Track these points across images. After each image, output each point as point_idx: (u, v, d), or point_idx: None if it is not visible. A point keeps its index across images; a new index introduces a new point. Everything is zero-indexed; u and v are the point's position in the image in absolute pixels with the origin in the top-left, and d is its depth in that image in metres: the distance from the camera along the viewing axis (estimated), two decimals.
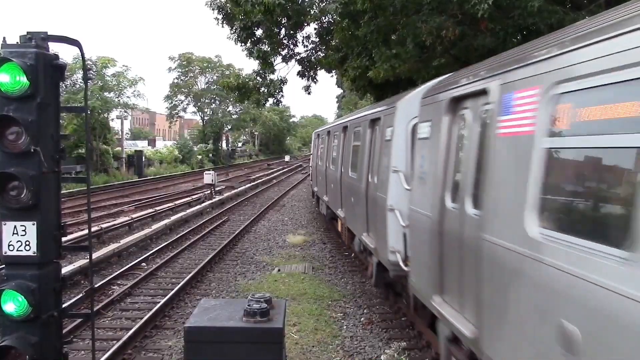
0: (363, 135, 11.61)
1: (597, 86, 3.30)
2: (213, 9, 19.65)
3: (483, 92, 5.06)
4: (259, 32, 19.40)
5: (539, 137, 3.86)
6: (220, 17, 19.68)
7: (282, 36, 19.91)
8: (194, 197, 29.17)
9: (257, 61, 20.19)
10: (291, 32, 19.87)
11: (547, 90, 3.80)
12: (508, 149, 4.42)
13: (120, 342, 8.55)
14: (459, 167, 5.76)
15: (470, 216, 5.17)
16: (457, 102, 5.94)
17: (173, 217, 21.68)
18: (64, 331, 7.32)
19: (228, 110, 76.83)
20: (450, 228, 5.74)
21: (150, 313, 10.01)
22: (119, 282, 12.83)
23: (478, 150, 5.20)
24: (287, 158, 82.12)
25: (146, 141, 74.30)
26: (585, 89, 3.41)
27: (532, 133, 3.94)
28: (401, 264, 8.07)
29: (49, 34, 3.68)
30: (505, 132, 4.45)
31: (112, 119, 49.87)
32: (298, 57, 21.20)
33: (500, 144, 4.55)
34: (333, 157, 16.72)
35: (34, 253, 3.57)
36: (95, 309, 9.95)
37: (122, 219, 20.48)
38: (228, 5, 18.87)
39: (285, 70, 25.49)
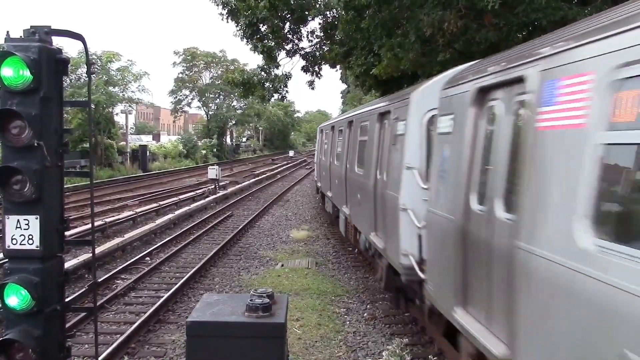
0: (371, 129, 11.09)
1: None
2: (218, 5, 19.65)
3: (518, 81, 4.53)
4: (264, 28, 19.39)
5: (593, 131, 3.32)
6: (225, 12, 19.68)
7: (286, 31, 19.91)
8: (198, 191, 29.20)
9: (262, 56, 20.19)
10: (295, 26, 19.86)
11: (605, 75, 3.27)
12: (551, 145, 3.84)
13: (124, 336, 8.58)
14: (488, 165, 5.17)
15: (501, 221, 4.64)
16: (484, 93, 5.35)
17: (177, 212, 21.73)
18: (67, 325, 7.36)
19: (232, 105, 76.89)
20: (476, 233, 5.17)
21: (154, 307, 10.04)
22: (122, 276, 12.86)
23: (511, 147, 4.66)
24: (291, 153, 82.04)
25: (150, 136, 74.38)
26: None
27: (584, 126, 3.42)
28: (416, 268, 7.41)
29: (52, 28, 3.67)
30: (547, 125, 3.88)
31: (117, 114, 49.99)
32: (302, 52, 21.19)
33: (540, 139, 3.97)
34: (338, 152, 16.41)
35: (37, 247, 3.58)
36: (98, 303, 10.00)
37: (126, 214, 20.52)
38: (232, 0, 18.86)
39: (290, 65, 25.46)
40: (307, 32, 20.75)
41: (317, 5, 18.52)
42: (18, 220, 3.56)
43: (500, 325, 4.53)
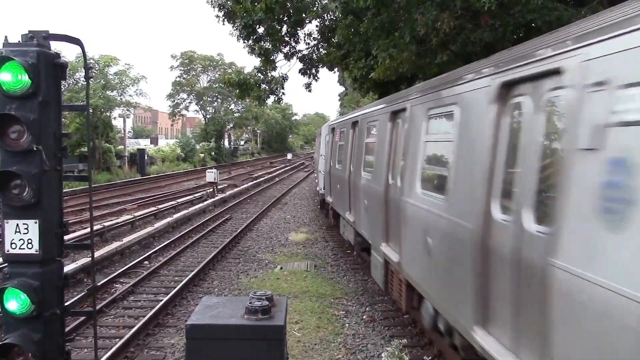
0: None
1: None
2: (214, 7, 19.64)
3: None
4: (260, 30, 19.39)
5: None
6: (221, 14, 19.67)
7: (283, 33, 19.90)
8: (196, 195, 29.18)
9: (259, 58, 20.19)
10: (292, 29, 19.86)
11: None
12: None
13: (123, 340, 8.57)
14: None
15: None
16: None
17: (175, 215, 21.70)
18: (67, 329, 7.36)
19: (230, 108, 76.87)
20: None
21: (153, 311, 10.03)
22: (121, 280, 12.85)
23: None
24: (289, 156, 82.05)
25: (149, 139, 74.30)
26: None
27: None
28: None
29: (50, 32, 3.68)
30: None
31: (115, 118, 49.90)
32: (300, 55, 21.20)
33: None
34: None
35: (36, 251, 3.59)
36: (97, 307, 9.99)
37: (124, 217, 20.50)
38: (229, 3, 18.86)
39: (287, 67, 25.51)
40: (305, 34, 20.79)
41: (315, 9, 18.52)
42: (17, 225, 3.56)
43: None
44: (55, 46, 3.78)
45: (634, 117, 3.04)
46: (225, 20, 19.70)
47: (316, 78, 22.08)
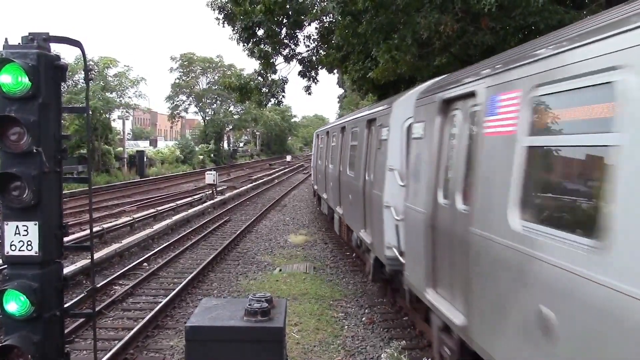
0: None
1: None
2: (214, 9, 19.67)
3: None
4: (260, 32, 19.41)
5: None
6: (221, 17, 19.71)
7: (283, 36, 19.92)
8: (195, 197, 29.18)
9: (259, 61, 20.21)
10: (292, 31, 19.88)
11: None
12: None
13: (122, 341, 8.57)
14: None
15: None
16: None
17: (175, 217, 21.69)
18: (66, 331, 7.35)
19: (229, 110, 76.85)
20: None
21: (152, 313, 10.03)
22: (120, 282, 12.85)
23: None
24: (288, 158, 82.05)
25: (148, 141, 74.33)
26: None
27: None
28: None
29: (50, 34, 3.69)
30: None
31: (114, 119, 49.97)
32: (299, 57, 21.21)
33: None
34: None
35: (35, 253, 3.59)
36: (97, 308, 9.99)
37: (124, 219, 20.49)
38: (228, 5, 18.89)
39: (287, 70, 25.51)
40: (304, 37, 20.81)
41: (314, 11, 18.54)
42: (17, 226, 3.57)
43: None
44: (55, 48, 3.80)
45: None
46: (225, 22, 19.73)
47: (315, 80, 22.09)
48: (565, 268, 3.29)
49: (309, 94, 22.92)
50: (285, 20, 18.98)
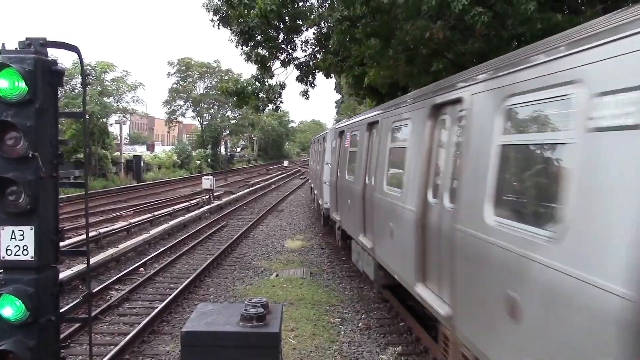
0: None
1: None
2: (209, 11, 19.69)
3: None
4: (257, 36, 19.44)
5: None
6: (216, 19, 19.72)
7: (280, 40, 19.95)
8: (192, 202, 29.16)
9: (256, 65, 20.21)
10: (289, 36, 19.91)
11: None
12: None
13: (118, 347, 8.54)
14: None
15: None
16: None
17: (171, 222, 21.67)
18: (62, 336, 7.34)
19: (227, 115, 76.90)
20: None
21: (148, 318, 10.00)
22: (117, 287, 12.81)
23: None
24: (285, 163, 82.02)
25: (145, 146, 74.25)
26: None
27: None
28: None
29: (47, 39, 3.70)
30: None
31: (111, 124, 49.95)
32: (297, 62, 21.23)
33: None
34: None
35: (31, 258, 3.59)
36: (93, 313, 9.96)
37: (120, 224, 20.47)
38: (224, 8, 18.92)
39: (284, 75, 25.54)
40: (301, 41, 20.84)
41: (312, 17, 18.58)
42: (13, 231, 3.57)
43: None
44: (52, 52, 3.81)
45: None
46: (220, 24, 19.75)
47: (313, 85, 22.09)
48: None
49: (307, 98, 22.94)
50: (282, 25, 19.01)
